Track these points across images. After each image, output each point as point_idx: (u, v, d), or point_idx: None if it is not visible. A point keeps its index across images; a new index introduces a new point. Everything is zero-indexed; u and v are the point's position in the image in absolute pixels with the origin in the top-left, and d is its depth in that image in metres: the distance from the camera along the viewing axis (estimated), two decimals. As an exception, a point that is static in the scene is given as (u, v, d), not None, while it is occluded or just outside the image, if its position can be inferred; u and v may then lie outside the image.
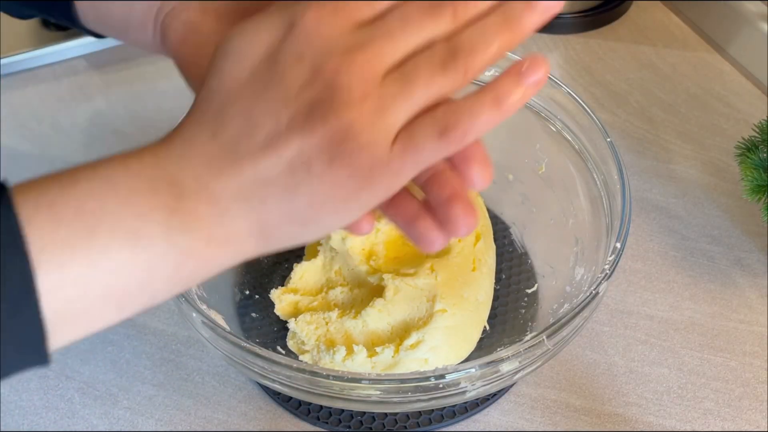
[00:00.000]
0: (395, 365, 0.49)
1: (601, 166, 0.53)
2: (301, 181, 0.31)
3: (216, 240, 0.32)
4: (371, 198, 0.32)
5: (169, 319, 0.58)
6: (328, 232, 0.34)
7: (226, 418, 0.53)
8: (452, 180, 0.35)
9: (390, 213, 0.37)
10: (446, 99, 0.33)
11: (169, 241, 0.31)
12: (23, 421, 0.53)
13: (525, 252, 0.60)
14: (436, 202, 0.35)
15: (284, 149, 0.31)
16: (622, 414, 0.53)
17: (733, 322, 0.58)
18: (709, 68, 0.78)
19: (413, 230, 0.36)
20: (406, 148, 0.32)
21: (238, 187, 0.31)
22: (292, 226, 0.33)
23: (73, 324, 0.31)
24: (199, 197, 0.31)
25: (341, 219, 0.33)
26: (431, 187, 0.35)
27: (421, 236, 0.35)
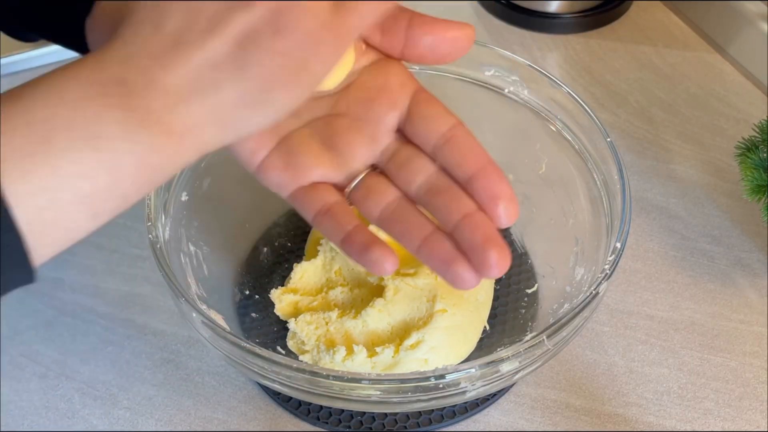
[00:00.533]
0: (395, 365, 0.49)
1: (601, 166, 0.53)
2: (250, 58, 0.32)
3: (175, 132, 0.32)
4: (321, 65, 0.33)
5: (169, 319, 0.58)
6: (284, 111, 0.34)
7: (226, 418, 0.53)
8: (483, 222, 0.36)
9: (423, 256, 0.38)
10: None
11: (130, 138, 0.31)
12: (23, 421, 0.53)
13: (525, 252, 0.60)
14: (469, 246, 0.36)
15: (229, 27, 0.31)
16: (622, 414, 0.53)
17: (733, 322, 0.58)
18: (709, 68, 0.78)
19: (449, 273, 0.37)
20: (347, 6, 0.33)
21: (189, 75, 0.32)
22: (248, 109, 0.33)
23: (51, 233, 0.31)
24: (150, 92, 0.31)
25: (295, 94, 0.33)
26: (463, 230, 0.36)
27: (457, 278, 0.36)
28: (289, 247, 0.61)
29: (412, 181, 0.39)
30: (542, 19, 0.82)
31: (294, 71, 0.32)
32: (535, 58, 0.80)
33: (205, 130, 0.33)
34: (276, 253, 0.60)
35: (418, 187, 0.39)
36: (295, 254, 0.60)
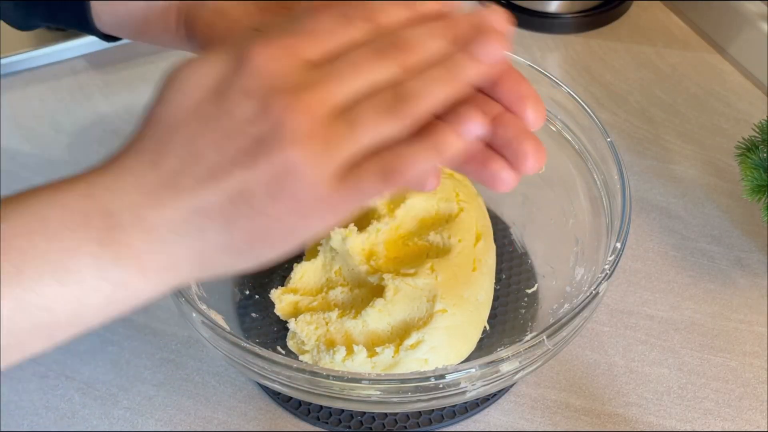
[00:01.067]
0: (395, 365, 0.49)
1: (601, 166, 0.53)
2: (241, 215, 0.32)
3: (150, 270, 0.32)
4: (308, 232, 0.33)
5: (169, 319, 0.58)
6: (264, 261, 0.34)
7: (226, 418, 0.53)
8: (514, 120, 0.36)
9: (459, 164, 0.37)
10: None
11: (100, 275, 0.31)
12: (23, 421, 0.53)
13: (525, 252, 0.60)
14: (503, 143, 0.36)
15: (225, 182, 0.31)
16: (622, 414, 0.53)
17: (733, 322, 0.58)
18: (709, 68, 0.78)
19: (486, 173, 0.36)
20: (349, 188, 0.32)
21: (176, 218, 0.32)
22: (228, 256, 0.33)
23: (6, 353, 0.31)
24: (134, 228, 0.31)
25: (277, 251, 0.34)
26: (495, 129, 0.36)
27: (495, 177, 0.36)
28: (289, 247, 0.61)
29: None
30: (542, 19, 0.82)
31: (281, 233, 0.33)
32: (535, 58, 0.80)
33: (181, 270, 0.33)
34: (276, 253, 0.60)
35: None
36: (295, 254, 0.60)
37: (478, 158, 0.36)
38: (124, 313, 0.33)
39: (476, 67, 0.33)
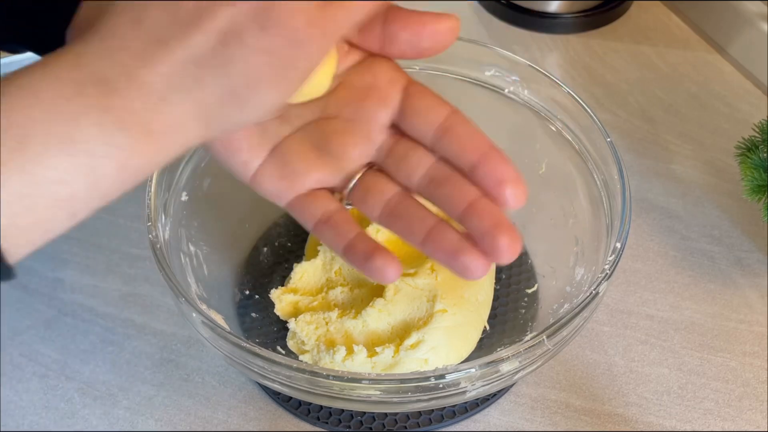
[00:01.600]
0: (395, 365, 0.49)
1: (601, 166, 0.53)
2: (234, 54, 0.31)
3: (156, 131, 0.31)
4: (307, 62, 0.32)
5: (169, 319, 0.58)
6: (270, 108, 0.33)
7: (226, 418, 0.53)
8: (489, 208, 0.36)
9: (429, 249, 0.37)
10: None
11: (107, 141, 0.30)
12: (23, 421, 0.53)
13: (525, 252, 0.60)
14: (478, 234, 0.35)
15: (212, 21, 0.31)
16: (622, 414, 0.53)
17: (733, 322, 0.58)
18: (709, 68, 0.78)
19: (457, 264, 0.36)
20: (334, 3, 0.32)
21: (171, 72, 0.31)
22: (232, 106, 0.32)
23: (27, 236, 0.30)
24: (131, 90, 0.30)
25: (280, 91, 0.33)
26: (470, 218, 0.36)
27: (467, 269, 0.36)
28: (289, 247, 0.61)
29: (413, 174, 0.38)
30: (542, 19, 0.82)
31: (279, 68, 0.32)
32: (535, 58, 0.80)
33: (187, 128, 0.32)
34: (276, 253, 0.60)
35: (420, 180, 0.38)
36: (295, 254, 0.60)
37: (448, 248, 0.36)
38: (142, 179, 0.32)
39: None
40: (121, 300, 0.59)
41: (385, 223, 0.39)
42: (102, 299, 0.59)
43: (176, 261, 0.50)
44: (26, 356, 0.56)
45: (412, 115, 0.39)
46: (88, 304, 0.59)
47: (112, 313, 0.59)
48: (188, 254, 0.53)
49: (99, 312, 0.59)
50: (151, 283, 0.60)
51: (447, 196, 0.37)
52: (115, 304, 0.59)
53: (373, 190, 0.39)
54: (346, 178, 0.40)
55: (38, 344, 0.57)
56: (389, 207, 0.39)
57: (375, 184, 0.40)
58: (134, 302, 0.59)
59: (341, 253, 0.39)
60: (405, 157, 0.39)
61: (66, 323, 0.58)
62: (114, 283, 0.60)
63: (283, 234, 0.61)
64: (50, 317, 0.58)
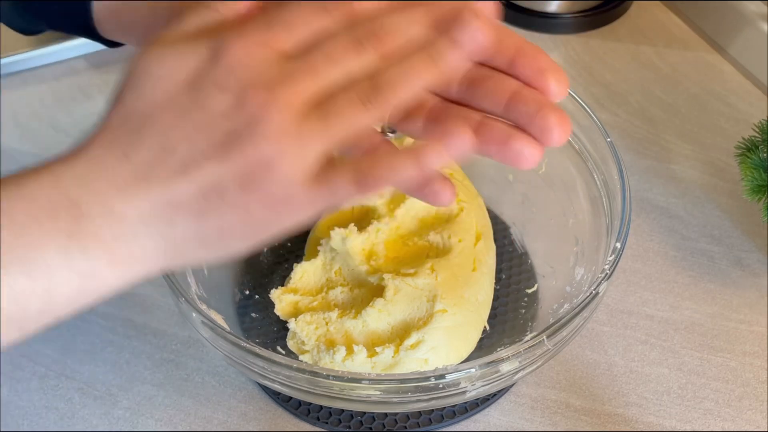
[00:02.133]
0: (395, 365, 0.49)
1: (601, 166, 0.53)
2: (212, 208, 0.31)
3: (119, 261, 0.32)
4: (279, 227, 0.33)
5: (169, 319, 0.58)
6: (234, 254, 0.34)
7: (226, 418, 0.53)
8: (533, 94, 0.35)
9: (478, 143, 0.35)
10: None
11: (69, 267, 0.31)
12: (23, 421, 0.53)
13: (525, 252, 0.60)
14: (526, 119, 0.35)
15: (198, 175, 0.31)
16: (622, 414, 0.53)
17: (733, 322, 0.58)
18: (709, 68, 0.78)
19: (509, 151, 0.35)
20: (322, 187, 0.32)
21: (146, 210, 0.31)
22: (198, 247, 0.33)
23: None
24: (103, 219, 0.31)
25: (248, 243, 0.33)
26: (515, 106, 0.35)
27: (520, 155, 0.35)
28: (289, 247, 0.61)
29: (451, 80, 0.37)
30: (542, 19, 0.82)
31: (252, 228, 0.32)
32: (535, 58, 0.79)
33: (151, 260, 0.33)
34: (276, 253, 0.60)
35: (459, 83, 0.37)
36: (295, 254, 0.60)
37: (498, 138, 0.35)
38: (94, 303, 0.33)
39: (458, 53, 0.32)
40: (121, 300, 0.59)
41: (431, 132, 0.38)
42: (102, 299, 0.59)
43: (176, 261, 0.50)
44: (26, 356, 0.56)
45: None
46: (88, 304, 0.59)
47: (112, 313, 0.59)
48: (188, 254, 0.53)
49: (99, 312, 0.59)
50: (151, 283, 0.60)
51: (489, 92, 0.36)
52: (115, 304, 0.59)
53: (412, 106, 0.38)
54: None
55: (38, 344, 0.57)
56: (432, 115, 0.38)
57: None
58: (134, 302, 0.59)
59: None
60: None
61: (66, 323, 0.58)
62: (114, 283, 0.60)
63: (283, 234, 0.61)
64: (50, 317, 0.58)
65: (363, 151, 0.36)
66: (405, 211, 0.56)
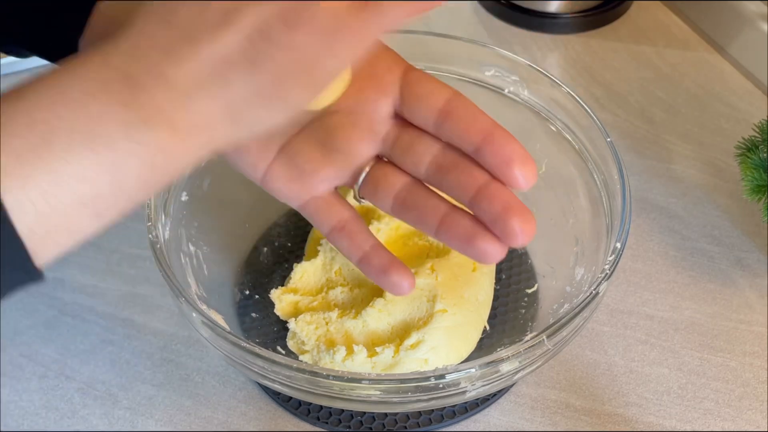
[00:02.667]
0: (395, 365, 0.49)
1: (601, 166, 0.53)
2: (262, 52, 0.31)
3: (181, 129, 0.31)
4: (336, 63, 0.32)
5: (169, 319, 0.58)
6: (296, 108, 0.33)
7: (226, 418, 0.53)
8: (499, 191, 0.35)
9: (444, 238, 0.37)
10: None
11: (131, 137, 0.30)
12: (23, 421, 0.53)
13: (525, 252, 0.60)
14: (490, 218, 0.35)
15: (240, 21, 0.31)
16: (622, 414, 0.53)
17: (733, 322, 0.58)
18: (709, 68, 0.78)
19: (473, 249, 0.36)
20: (369, 8, 0.31)
21: (198, 70, 0.31)
22: (260, 105, 0.32)
23: (54, 237, 0.30)
24: (157, 87, 0.31)
25: (308, 90, 0.33)
26: (480, 203, 0.35)
27: (483, 254, 0.36)
28: (289, 247, 0.61)
29: (420, 162, 0.38)
30: (542, 19, 0.82)
31: (307, 67, 0.31)
32: (535, 58, 0.80)
33: (214, 128, 0.32)
34: (276, 253, 0.60)
35: (427, 168, 0.38)
36: (295, 254, 0.60)
37: (463, 234, 0.36)
38: (169, 181, 0.32)
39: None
40: (121, 300, 0.59)
41: (398, 214, 0.39)
42: (102, 299, 0.59)
43: (176, 261, 0.50)
44: (26, 356, 0.56)
45: (413, 101, 0.38)
46: (88, 304, 0.59)
47: (112, 313, 0.59)
48: (188, 254, 0.53)
49: (99, 312, 0.59)
50: (151, 283, 0.60)
51: (455, 183, 0.37)
52: (115, 304, 0.59)
53: (383, 183, 0.39)
54: (355, 173, 0.40)
55: (38, 344, 0.57)
56: (400, 198, 0.39)
57: (384, 176, 0.39)
58: (134, 302, 0.59)
59: (356, 263, 0.40)
60: (411, 146, 0.39)
61: (66, 323, 0.58)
62: (114, 283, 0.60)
63: (283, 234, 0.61)
64: (50, 317, 0.58)
65: None
66: (405, 211, 0.56)
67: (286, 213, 0.62)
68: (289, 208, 0.62)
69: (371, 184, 0.39)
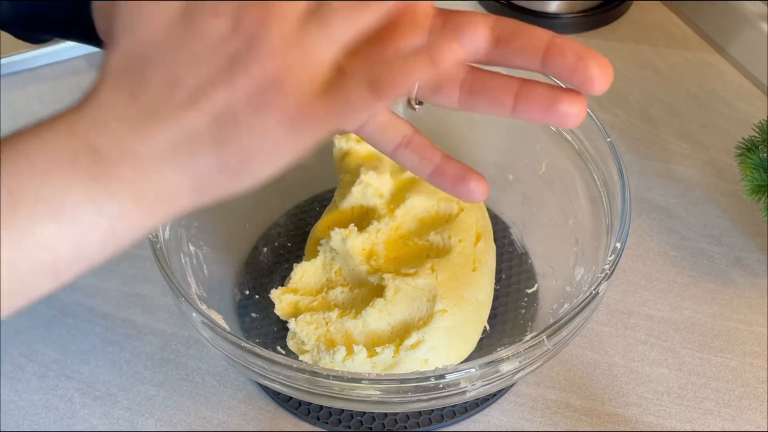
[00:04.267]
0: (395, 365, 0.49)
1: (601, 166, 0.53)
2: (228, 134, 0.31)
3: (146, 200, 0.31)
4: (300, 144, 0.32)
5: (169, 319, 0.58)
6: (261, 179, 0.33)
7: (226, 418, 0.53)
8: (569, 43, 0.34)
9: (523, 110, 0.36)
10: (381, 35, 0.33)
11: (96, 209, 0.30)
12: (23, 421, 0.53)
13: (525, 252, 0.60)
14: (565, 71, 0.34)
15: (208, 103, 0.31)
16: (622, 414, 0.53)
17: (733, 322, 0.58)
18: (709, 68, 0.78)
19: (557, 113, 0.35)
20: (336, 97, 0.31)
21: (164, 145, 0.31)
22: (224, 178, 0.32)
23: (11, 298, 0.31)
24: (123, 160, 0.31)
25: (273, 167, 0.33)
26: (553, 58, 0.34)
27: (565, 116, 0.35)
28: (289, 247, 0.61)
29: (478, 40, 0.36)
30: (542, 19, 0.82)
31: (272, 149, 0.32)
32: (535, 58, 0.80)
33: (179, 196, 0.32)
34: (276, 253, 0.60)
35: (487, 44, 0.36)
36: (295, 254, 0.60)
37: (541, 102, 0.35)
38: (126, 247, 0.33)
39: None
40: (121, 300, 0.59)
41: (468, 102, 0.38)
42: (102, 299, 0.59)
43: (176, 261, 0.50)
44: (26, 356, 0.56)
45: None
46: (88, 304, 0.59)
47: (112, 313, 0.59)
48: (188, 254, 0.53)
49: (99, 312, 0.59)
50: (151, 283, 0.60)
51: (522, 46, 0.36)
52: (115, 304, 0.59)
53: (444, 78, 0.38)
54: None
55: (38, 344, 0.57)
56: (467, 85, 0.37)
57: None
58: (134, 302, 0.59)
59: (428, 177, 0.39)
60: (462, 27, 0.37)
61: (66, 323, 0.58)
62: (114, 283, 0.60)
63: (283, 234, 0.61)
64: (50, 317, 0.58)
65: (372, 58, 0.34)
66: (405, 211, 0.56)
67: (286, 213, 0.62)
68: (290, 208, 0.62)
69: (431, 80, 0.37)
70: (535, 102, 0.35)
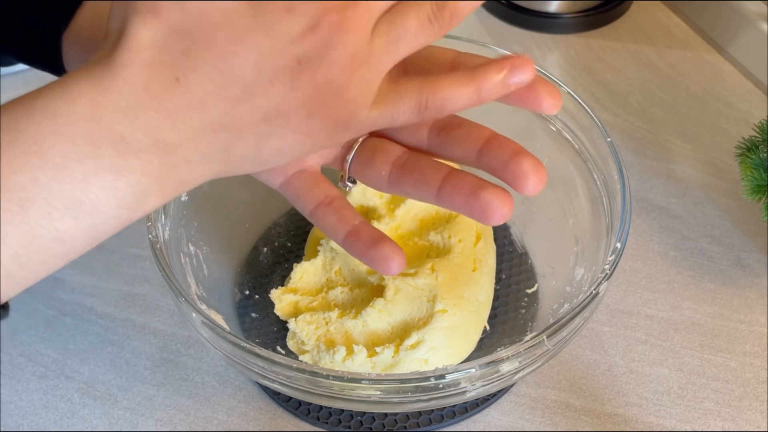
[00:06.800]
0: (395, 365, 0.49)
1: (601, 166, 0.53)
2: (274, 132, 0.30)
3: (168, 188, 0.30)
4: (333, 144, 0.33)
5: (169, 319, 0.58)
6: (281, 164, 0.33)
7: (226, 418, 0.53)
8: (508, 141, 0.34)
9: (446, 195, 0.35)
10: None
11: (117, 204, 0.29)
12: (23, 421, 0.53)
13: (525, 252, 0.60)
14: (499, 165, 0.34)
15: (263, 100, 0.29)
16: (622, 414, 0.53)
17: (733, 322, 0.58)
18: (709, 68, 0.78)
19: (478, 202, 0.33)
20: (384, 110, 0.32)
21: (203, 137, 0.30)
22: (249, 167, 0.32)
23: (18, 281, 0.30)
24: (153, 153, 0.29)
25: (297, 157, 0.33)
26: (489, 151, 0.34)
27: (488, 206, 0.33)
28: (289, 247, 0.61)
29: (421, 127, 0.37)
30: (542, 19, 0.82)
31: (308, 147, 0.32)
32: (535, 58, 0.80)
33: (199, 182, 0.32)
34: (276, 253, 0.60)
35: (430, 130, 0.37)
36: (295, 254, 0.60)
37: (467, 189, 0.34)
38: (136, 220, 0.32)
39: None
40: (121, 300, 0.59)
41: (396, 182, 0.37)
42: (102, 299, 0.59)
43: (176, 261, 0.50)
44: (26, 356, 0.56)
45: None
46: (88, 304, 0.59)
47: (112, 313, 0.59)
48: (188, 254, 0.53)
49: (99, 312, 0.59)
50: (151, 283, 0.60)
51: (460, 139, 0.36)
52: (115, 304, 0.59)
53: (378, 152, 0.38)
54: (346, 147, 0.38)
55: (38, 344, 0.57)
56: (399, 164, 0.37)
57: (379, 146, 0.38)
58: (134, 302, 0.59)
59: (342, 239, 0.37)
60: None
61: (66, 323, 0.58)
62: (114, 283, 0.60)
63: (283, 234, 0.61)
64: (50, 317, 0.58)
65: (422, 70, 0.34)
66: (405, 211, 0.56)
67: (286, 213, 0.62)
68: (290, 208, 0.62)
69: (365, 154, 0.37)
70: (461, 187, 0.34)
